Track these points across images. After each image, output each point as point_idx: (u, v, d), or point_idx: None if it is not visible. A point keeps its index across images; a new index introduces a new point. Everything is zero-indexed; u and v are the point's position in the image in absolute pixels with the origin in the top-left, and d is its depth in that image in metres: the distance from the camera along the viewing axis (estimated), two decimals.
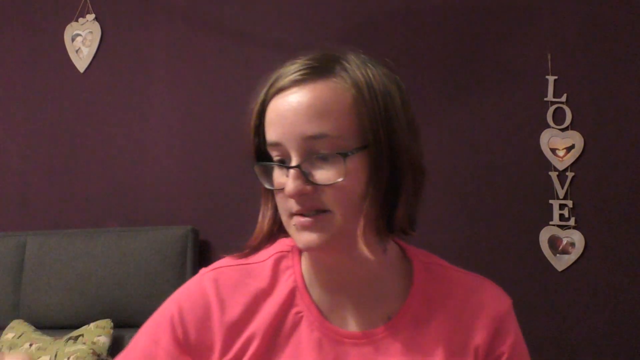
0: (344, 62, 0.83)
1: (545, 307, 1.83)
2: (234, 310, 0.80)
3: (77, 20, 2.27)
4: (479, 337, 0.81)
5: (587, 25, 1.89)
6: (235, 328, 0.80)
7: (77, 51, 2.27)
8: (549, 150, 1.87)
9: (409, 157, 0.80)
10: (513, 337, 0.84)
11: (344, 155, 0.76)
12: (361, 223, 0.77)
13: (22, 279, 2.03)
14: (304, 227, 0.75)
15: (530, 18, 1.92)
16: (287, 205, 0.76)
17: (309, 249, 0.76)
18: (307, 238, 0.75)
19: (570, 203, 1.85)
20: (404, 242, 0.87)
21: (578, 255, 1.83)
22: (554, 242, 1.84)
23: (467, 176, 1.91)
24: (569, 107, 1.87)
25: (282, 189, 0.76)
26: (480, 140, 1.92)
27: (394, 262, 0.85)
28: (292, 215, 0.76)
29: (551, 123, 1.87)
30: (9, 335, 1.87)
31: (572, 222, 1.84)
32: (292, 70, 0.81)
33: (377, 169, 0.77)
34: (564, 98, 1.87)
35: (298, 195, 0.74)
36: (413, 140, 0.81)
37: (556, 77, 1.88)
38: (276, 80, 0.82)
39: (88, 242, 2.01)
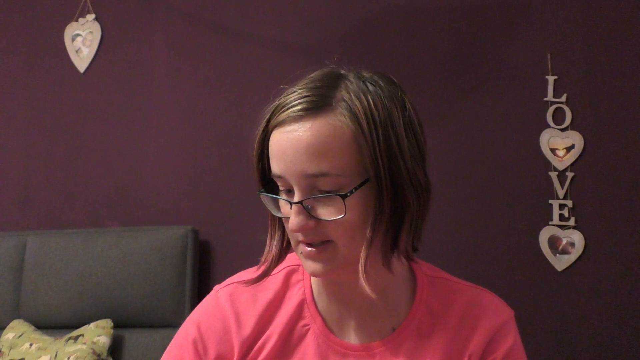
0: (343, 91, 0.79)
1: (545, 307, 1.83)
2: (249, 323, 0.83)
3: (77, 20, 2.27)
4: (474, 345, 0.82)
5: (587, 25, 1.89)
6: (249, 340, 0.82)
7: (77, 51, 2.27)
8: (548, 150, 1.87)
9: (413, 184, 0.79)
10: (509, 344, 0.83)
11: (343, 196, 0.76)
12: (363, 252, 0.77)
13: (22, 279, 2.03)
14: (309, 257, 0.77)
15: (530, 18, 1.92)
16: (293, 233, 0.78)
17: (315, 275, 0.79)
18: (312, 266, 0.77)
19: (570, 203, 1.85)
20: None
21: (578, 255, 1.83)
22: (553, 242, 1.85)
23: (467, 176, 1.91)
24: (569, 107, 1.87)
25: (288, 217, 0.77)
26: (480, 140, 1.92)
27: (399, 276, 0.86)
28: (298, 242, 0.78)
29: (551, 123, 1.87)
30: (9, 335, 1.87)
31: (572, 222, 1.84)
32: (291, 102, 0.79)
33: (379, 201, 0.77)
34: (564, 98, 1.87)
35: (300, 231, 0.76)
36: (417, 164, 0.80)
37: (556, 77, 1.88)
38: (276, 112, 0.80)
39: (88, 242, 2.02)
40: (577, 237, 1.83)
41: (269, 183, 0.82)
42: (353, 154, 0.76)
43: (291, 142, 0.77)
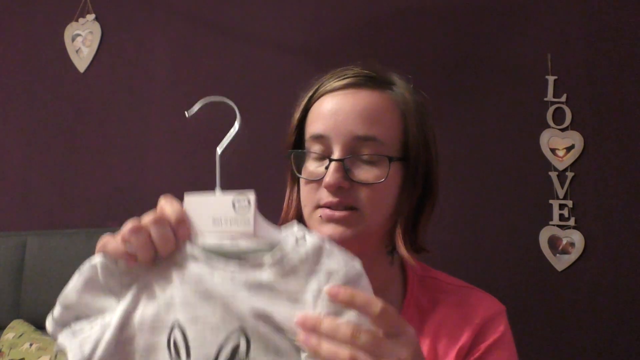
0: (395, 77, 0.88)
1: (545, 307, 1.83)
2: None
3: (77, 20, 2.27)
4: (462, 340, 0.84)
5: (587, 25, 1.89)
6: None
7: (77, 51, 2.27)
8: (548, 150, 1.87)
9: (435, 181, 0.87)
10: (497, 336, 0.85)
11: (390, 158, 0.80)
12: (399, 226, 0.81)
13: (22, 279, 2.03)
14: (331, 219, 0.78)
15: (530, 18, 1.92)
16: (315, 196, 0.80)
17: (332, 239, 0.77)
18: (331, 230, 0.78)
19: (570, 203, 1.85)
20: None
21: (578, 255, 1.83)
22: (553, 242, 1.85)
23: (467, 176, 1.91)
24: (569, 107, 1.87)
25: (312, 180, 0.80)
26: (480, 140, 1.92)
27: (394, 274, 0.89)
28: (318, 207, 0.79)
29: (551, 123, 1.87)
30: (9, 335, 1.87)
31: (572, 222, 1.84)
32: (349, 74, 0.85)
33: (410, 184, 0.83)
34: (563, 98, 1.87)
35: (335, 187, 0.77)
36: (437, 167, 0.89)
37: (556, 77, 1.88)
38: (329, 81, 0.85)
39: (88, 242, 2.01)
40: (577, 237, 1.83)
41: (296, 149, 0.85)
42: (399, 132, 0.82)
43: (346, 103, 0.81)
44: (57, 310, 0.68)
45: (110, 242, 0.66)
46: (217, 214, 0.67)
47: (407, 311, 0.86)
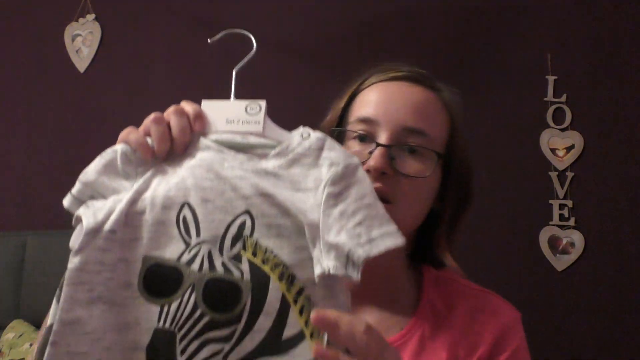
0: (442, 87, 0.88)
1: (545, 307, 1.83)
2: None
3: (77, 20, 2.27)
4: (482, 349, 0.82)
5: (587, 25, 1.89)
6: None
7: (77, 51, 2.27)
8: (548, 150, 1.87)
9: (471, 192, 0.88)
10: (514, 346, 0.84)
11: (438, 154, 0.80)
12: (441, 229, 0.83)
13: (22, 279, 2.03)
14: None
15: (530, 18, 1.92)
16: None
17: None
18: None
19: (570, 203, 1.85)
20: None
21: (578, 255, 1.83)
22: (553, 242, 1.85)
23: None
24: (569, 107, 1.87)
25: None
26: (480, 140, 1.92)
27: (410, 275, 0.88)
28: None
29: (551, 123, 1.87)
30: (9, 335, 1.87)
31: (572, 222, 1.84)
32: (405, 69, 0.86)
33: (449, 188, 0.82)
34: (563, 98, 1.87)
35: (379, 172, 0.75)
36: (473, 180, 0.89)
37: (556, 77, 1.88)
38: (385, 69, 0.85)
39: None
40: (577, 237, 1.83)
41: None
42: (446, 132, 0.83)
43: (400, 93, 0.81)
44: (75, 187, 0.71)
45: (132, 132, 0.71)
46: (231, 115, 0.74)
47: (422, 314, 0.84)
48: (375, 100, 0.81)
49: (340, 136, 0.83)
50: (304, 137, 0.71)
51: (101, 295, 0.64)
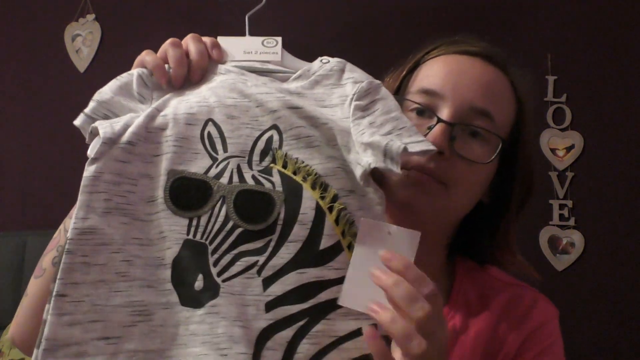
0: (514, 72, 0.83)
1: None
2: None
3: (77, 20, 2.27)
4: (509, 345, 0.78)
5: (587, 25, 1.89)
6: None
7: (77, 51, 2.27)
8: (548, 150, 1.87)
9: (531, 188, 0.84)
10: (544, 346, 0.81)
11: (503, 140, 0.74)
12: (512, 225, 0.79)
13: (22, 279, 2.03)
14: (417, 184, 0.71)
15: (530, 18, 1.92)
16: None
17: (408, 205, 0.72)
18: (412, 195, 0.71)
19: (570, 203, 1.85)
20: None
21: (578, 255, 1.83)
22: (553, 242, 1.84)
23: None
24: (569, 107, 1.87)
25: None
26: None
27: (445, 263, 0.84)
28: (405, 168, 0.70)
29: (551, 123, 1.87)
30: (9, 335, 1.87)
31: (572, 222, 1.84)
32: (481, 44, 0.80)
33: (507, 178, 0.78)
34: (563, 98, 1.87)
35: (437, 150, 0.67)
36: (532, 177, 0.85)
37: (556, 77, 1.88)
38: (458, 41, 0.80)
39: None
40: (577, 237, 1.83)
41: None
42: (512, 120, 0.78)
43: (473, 69, 0.75)
44: (89, 106, 0.71)
45: (149, 54, 0.71)
46: (248, 48, 0.73)
47: (454, 306, 0.80)
48: (444, 72, 0.75)
49: None
50: (324, 62, 0.71)
51: (120, 207, 0.61)
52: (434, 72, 0.76)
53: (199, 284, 0.59)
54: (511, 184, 0.80)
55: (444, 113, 0.72)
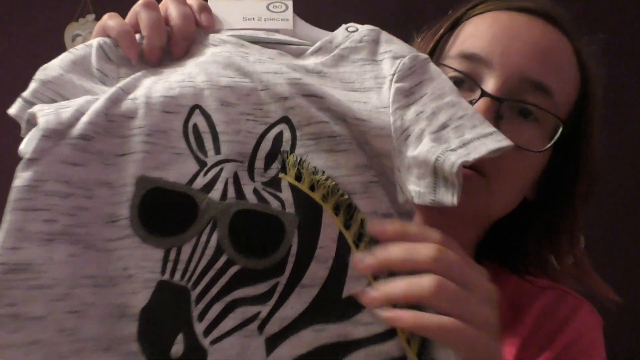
0: (578, 36, 0.67)
1: None
2: None
3: (77, 20, 2.27)
4: (545, 357, 0.66)
5: (587, 25, 1.89)
6: None
7: None
8: None
9: (596, 180, 0.65)
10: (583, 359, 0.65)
11: (563, 123, 0.59)
12: (576, 227, 0.60)
13: None
14: None
15: None
16: None
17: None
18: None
19: None
20: None
21: None
22: None
23: None
24: None
25: None
26: None
27: None
28: None
29: None
30: None
31: None
32: (542, 0, 0.65)
33: (560, 174, 0.63)
34: None
35: (513, 145, 0.52)
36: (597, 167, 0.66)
37: None
38: None
39: None
40: None
41: None
42: (574, 98, 0.62)
43: (528, 31, 0.60)
44: (29, 88, 0.51)
45: (114, 17, 0.51)
46: (249, 13, 0.54)
47: None
48: (491, 33, 0.60)
49: None
50: (350, 31, 0.55)
51: (67, 231, 0.42)
52: (479, 33, 0.62)
53: (177, 347, 0.41)
54: (573, 178, 0.66)
55: (490, 84, 0.58)
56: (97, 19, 2.26)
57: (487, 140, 0.45)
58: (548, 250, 0.70)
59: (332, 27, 0.59)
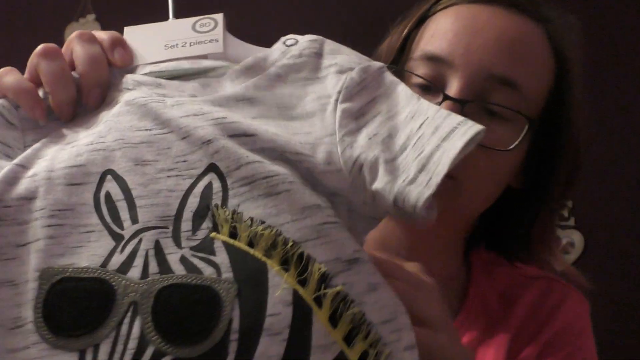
0: (552, 16, 0.64)
1: None
2: None
3: (77, 20, 2.27)
4: (532, 347, 0.67)
5: (586, 25, 1.89)
6: None
7: None
8: None
9: (573, 175, 0.64)
10: (569, 350, 0.69)
11: (531, 122, 0.56)
12: (550, 226, 0.63)
13: None
14: None
15: None
16: None
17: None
18: None
19: (570, 203, 1.84)
20: None
21: (578, 255, 1.83)
22: None
23: None
24: None
25: None
26: None
27: (460, 262, 0.70)
28: None
29: None
30: None
31: (572, 222, 1.84)
32: None
33: (543, 160, 0.61)
34: None
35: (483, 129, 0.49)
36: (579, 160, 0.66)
37: None
38: None
39: None
40: (577, 237, 1.83)
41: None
42: (548, 86, 0.60)
43: (489, 24, 0.56)
44: None
45: (11, 73, 0.43)
46: (172, 38, 0.48)
47: (472, 311, 0.66)
48: (452, 32, 0.57)
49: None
50: (288, 44, 0.48)
51: None
52: (441, 32, 0.59)
53: None
54: (552, 165, 0.64)
55: (453, 87, 0.55)
56: (97, 19, 2.26)
57: (451, 142, 0.38)
58: (536, 237, 0.69)
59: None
